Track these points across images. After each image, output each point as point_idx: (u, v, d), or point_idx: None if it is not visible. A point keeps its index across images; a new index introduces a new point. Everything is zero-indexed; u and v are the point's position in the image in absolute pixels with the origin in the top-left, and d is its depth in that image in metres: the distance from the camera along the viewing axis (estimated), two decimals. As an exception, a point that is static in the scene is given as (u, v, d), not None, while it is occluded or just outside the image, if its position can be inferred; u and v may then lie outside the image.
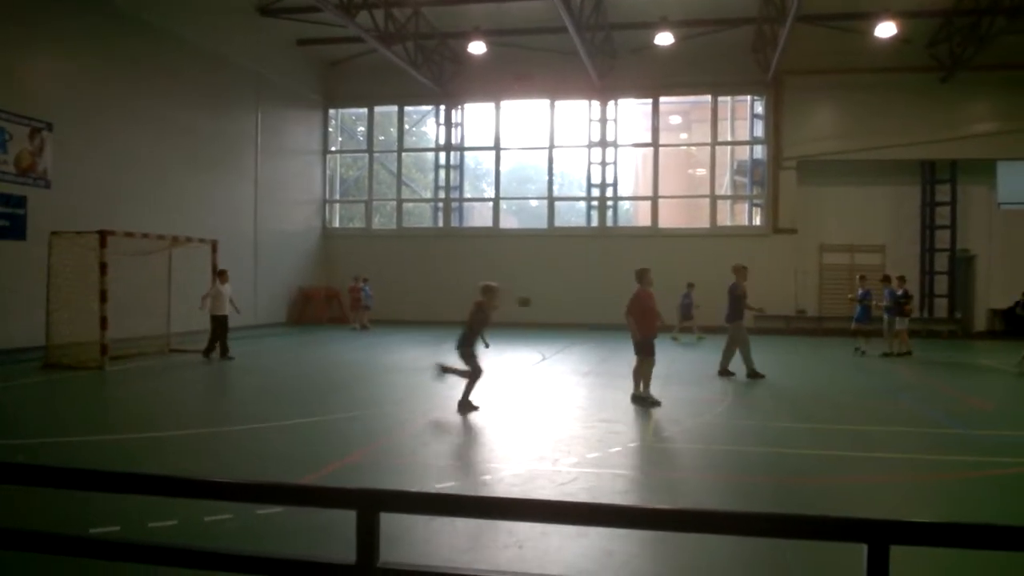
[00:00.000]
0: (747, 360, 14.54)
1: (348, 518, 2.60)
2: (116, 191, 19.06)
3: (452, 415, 10.66)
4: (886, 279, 19.86)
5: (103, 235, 15.37)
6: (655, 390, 11.72)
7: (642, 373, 11.62)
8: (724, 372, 14.62)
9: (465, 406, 10.79)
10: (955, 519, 2.31)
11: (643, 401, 11.43)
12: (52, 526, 5.12)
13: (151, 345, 17.93)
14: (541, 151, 29.08)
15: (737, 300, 14.71)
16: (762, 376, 14.29)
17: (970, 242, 25.94)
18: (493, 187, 29.68)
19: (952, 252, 25.79)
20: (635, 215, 30.02)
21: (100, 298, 15.28)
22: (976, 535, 2.29)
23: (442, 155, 29.69)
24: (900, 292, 18.96)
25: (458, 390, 11.16)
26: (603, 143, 28.14)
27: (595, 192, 28.36)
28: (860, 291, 19.60)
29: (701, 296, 22.50)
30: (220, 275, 17.49)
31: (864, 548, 2.25)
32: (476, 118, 29.76)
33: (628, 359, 15.77)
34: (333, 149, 30.91)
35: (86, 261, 15.51)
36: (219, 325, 17.07)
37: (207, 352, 17.11)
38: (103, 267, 15.29)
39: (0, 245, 16.26)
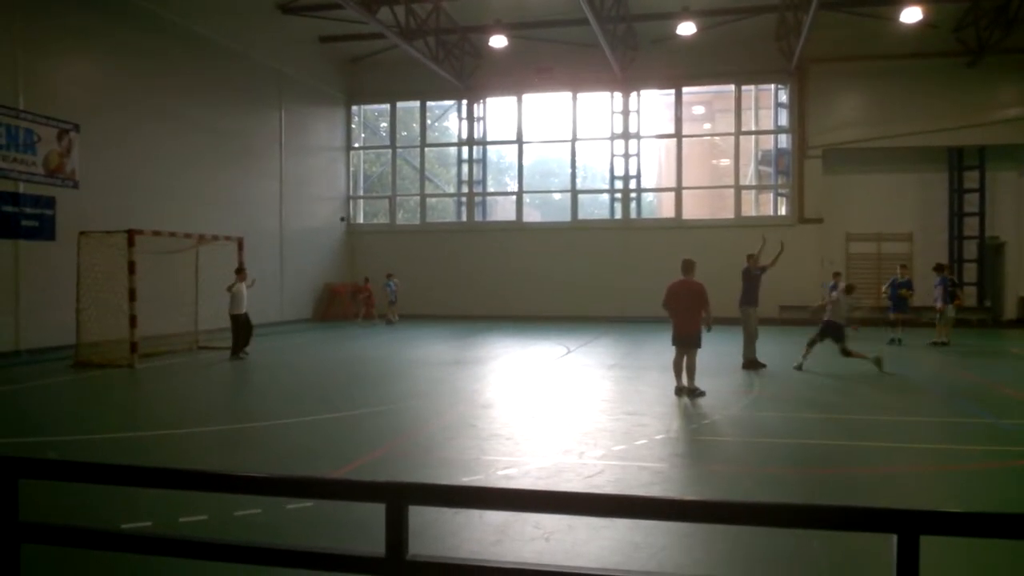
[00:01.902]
0: (747, 348, 14.49)
1: (375, 513, 2.62)
2: (143, 190, 19.25)
3: (478, 408, 10.68)
4: (939, 267, 19.84)
5: (131, 234, 15.55)
6: (674, 382, 11.69)
7: (693, 365, 11.56)
8: (750, 364, 14.48)
9: None
10: (985, 509, 2.29)
11: (693, 393, 11.41)
12: (85, 521, 5.21)
13: (179, 342, 18.13)
14: (564, 144, 29.02)
15: (751, 281, 14.59)
16: (763, 365, 14.28)
17: (999, 229, 25.57)
18: (516, 181, 29.63)
19: (981, 239, 25.45)
20: (659, 207, 29.91)
21: (129, 296, 15.45)
22: (1007, 525, 2.26)
23: (465, 150, 29.71)
24: (950, 281, 19.12)
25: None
26: (626, 135, 28.02)
27: (618, 184, 28.25)
28: (900, 278, 19.46)
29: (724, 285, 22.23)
30: (239, 273, 17.50)
31: (894, 539, 2.24)
32: (498, 112, 29.73)
33: (653, 352, 15.72)
34: (356, 145, 31.03)
35: (114, 260, 15.71)
36: (239, 323, 17.10)
37: (236, 351, 17.08)
38: (131, 266, 15.46)
39: (30, 246, 16.49)
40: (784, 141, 27.26)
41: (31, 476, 2.96)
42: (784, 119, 27.16)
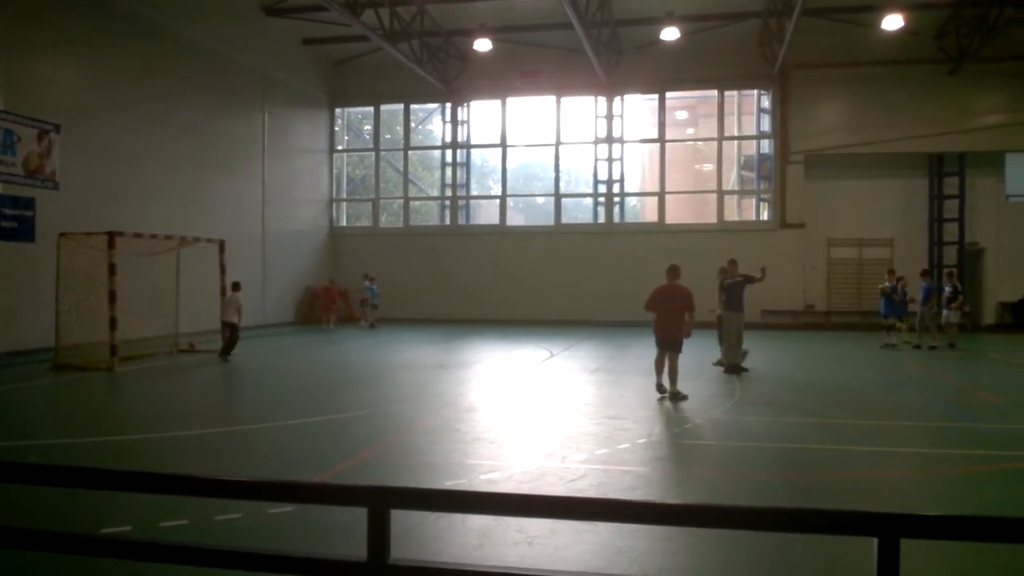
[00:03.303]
0: (728, 352, 14.56)
1: (357, 517, 2.61)
2: (124, 192, 19.12)
3: (461, 412, 10.67)
4: (925, 273, 20.48)
5: (112, 236, 15.43)
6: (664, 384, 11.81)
7: (675, 368, 11.77)
8: (732, 369, 14.52)
9: None
10: (965, 512, 2.31)
11: (676, 397, 11.56)
12: (64, 526, 5.16)
13: (160, 345, 18.00)
14: (547, 148, 29.03)
15: (731, 288, 14.65)
16: (745, 370, 14.39)
17: (979, 235, 25.82)
18: (500, 184, 29.65)
19: (961, 245, 25.66)
20: (642, 211, 29.97)
21: (109, 299, 15.33)
22: (986, 528, 2.28)
23: (448, 153, 29.68)
24: (949, 287, 19.72)
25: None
26: (609, 139, 28.09)
27: (602, 188, 28.32)
28: (889, 284, 19.73)
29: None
30: (235, 286, 17.56)
31: (874, 542, 2.25)
32: (482, 115, 29.72)
33: (636, 356, 15.74)
34: (339, 148, 30.93)
35: (95, 262, 15.58)
36: (234, 329, 17.16)
37: (225, 352, 17.14)
38: (112, 268, 15.34)
39: (9, 247, 16.31)
40: (766, 146, 27.42)
41: (9, 481, 2.93)
42: (767, 124, 27.32)
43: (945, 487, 7.37)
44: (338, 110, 30.43)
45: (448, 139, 29.67)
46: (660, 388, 11.75)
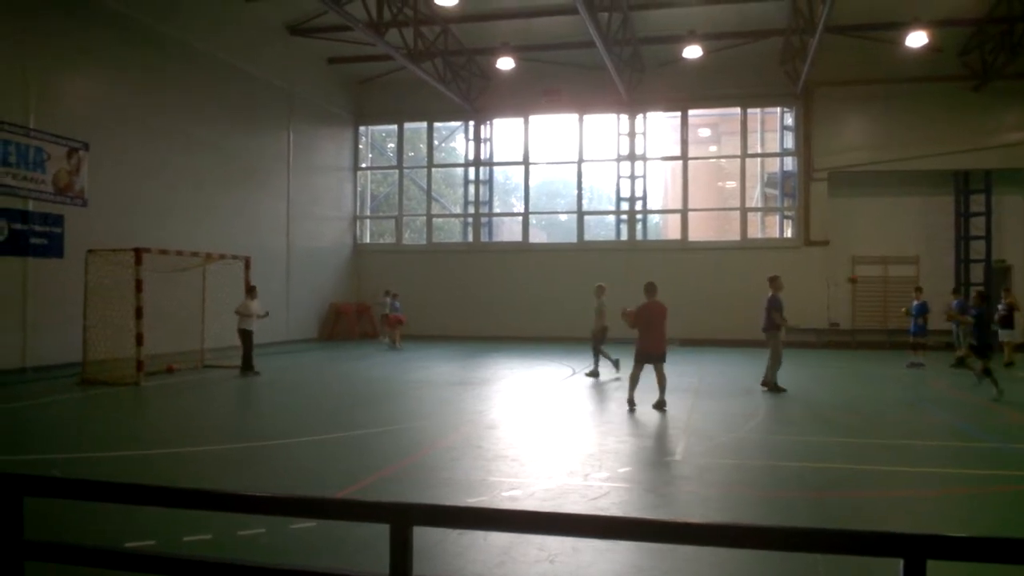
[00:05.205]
0: (770, 370, 14.48)
1: (380, 533, 2.61)
2: (151, 209, 19.34)
3: (483, 429, 10.66)
4: (955, 291, 20.46)
5: (138, 252, 15.59)
6: (688, 403, 11.75)
7: (664, 376, 12.58)
8: (772, 387, 14.41)
9: None
10: (992, 534, 2.28)
11: (662, 404, 12.22)
12: (88, 539, 5.20)
13: (185, 360, 18.13)
14: (570, 165, 29.09)
15: (773, 311, 14.60)
16: (783, 390, 14.21)
17: (1006, 253, 25.51)
18: (522, 202, 29.71)
19: (988, 263, 25.38)
20: (665, 228, 29.92)
21: (136, 314, 15.47)
22: (1015, 550, 2.25)
23: (471, 170, 29.81)
24: (1004, 306, 19.65)
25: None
26: (632, 157, 28.09)
27: (624, 206, 28.29)
28: (915, 303, 19.41)
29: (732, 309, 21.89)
30: (250, 291, 17.68)
31: (900, 563, 2.23)
32: (505, 133, 29.85)
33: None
34: (363, 165, 31.15)
35: (122, 278, 15.74)
36: (248, 338, 17.23)
37: (246, 368, 17.17)
38: (139, 284, 15.49)
39: (38, 263, 16.57)
40: (790, 164, 27.31)
41: (36, 494, 2.96)
42: (790, 142, 27.22)
43: (972, 507, 7.26)
44: (362, 128, 30.67)
45: (471, 157, 29.80)
46: (631, 403, 12.29)
